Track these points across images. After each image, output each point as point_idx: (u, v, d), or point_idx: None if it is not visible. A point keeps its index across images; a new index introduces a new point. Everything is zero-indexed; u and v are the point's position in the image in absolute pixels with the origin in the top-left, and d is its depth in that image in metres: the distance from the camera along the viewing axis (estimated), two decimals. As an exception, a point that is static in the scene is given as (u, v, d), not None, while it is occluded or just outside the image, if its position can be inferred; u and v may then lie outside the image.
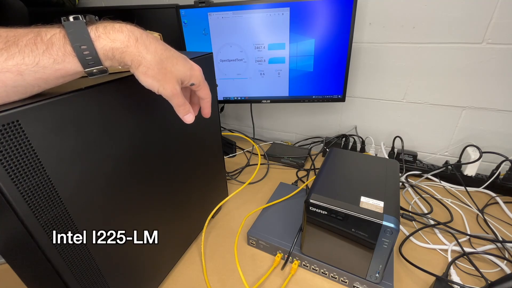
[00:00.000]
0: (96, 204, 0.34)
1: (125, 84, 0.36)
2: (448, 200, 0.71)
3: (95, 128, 0.32)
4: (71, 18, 0.26)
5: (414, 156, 0.81)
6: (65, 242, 0.31)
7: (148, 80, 0.30)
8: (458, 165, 0.76)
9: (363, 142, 0.90)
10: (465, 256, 0.55)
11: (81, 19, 0.26)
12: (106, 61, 0.27)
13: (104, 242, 0.36)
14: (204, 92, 0.37)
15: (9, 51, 0.23)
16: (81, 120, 0.30)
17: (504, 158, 0.70)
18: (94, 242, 0.35)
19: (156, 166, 0.44)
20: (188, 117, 0.35)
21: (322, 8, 0.70)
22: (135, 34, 0.28)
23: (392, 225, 0.40)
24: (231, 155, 0.96)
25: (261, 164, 0.89)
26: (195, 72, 0.34)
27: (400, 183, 0.76)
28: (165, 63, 0.30)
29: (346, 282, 0.50)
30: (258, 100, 0.88)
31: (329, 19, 0.72)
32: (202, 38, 0.80)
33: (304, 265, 0.54)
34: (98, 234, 0.35)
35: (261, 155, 0.92)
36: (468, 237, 0.59)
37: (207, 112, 0.39)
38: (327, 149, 0.91)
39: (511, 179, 0.71)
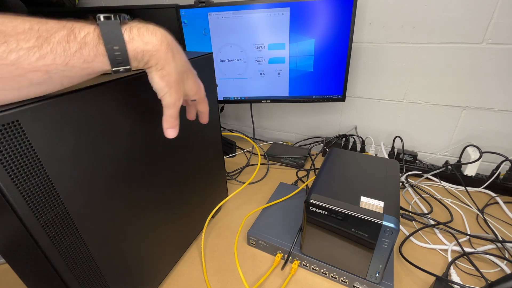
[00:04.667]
0: (96, 204, 0.34)
1: (125, 84, 0.36)
2: (448, 200, 0.71)
3: (95, 128, 0.32)
4: (102, 17, 0.25)
5: (414, 156, 0.81)
6: (65, 242, 0.31)
7: (161, 83, 0.30)
8: (458, 165, 0.76)
9: (363, 142, 0.90)
10: (465, 256, 0.55)
11: (113, 19, 0.26)
12: (134, 61, 0.27)
13: (104, 241, 0.36)
14: (204, 107, 0.39)
15: (41, 49, 0.22)
16: (81, 120, 0.30)
17: (504, 158, 0.70)
18: (94, 242, 0.35)
19: (156, 166, 0.44)
20: (172, 132, 0.35)
21: (322, 8, 0.70)
22: (168, 39, 0.28)
23: (392, 225, 0.40)
24: (231, 155, 0.96)
25: (261, 164, 0.89)
26: (200, 91, 0.36)
27: (400, 183, 0.76)
28: (182, 74, 0.31)
29: (346, 282, 0.50)
30: (258, 100, 0.88)
31: (329, 19, 0.72)
32: (202, 38, 0.80)
33: (304, 265, 0.54)
34: (98, 234, 0.35)
35: (261, 155, 0.92)
36: (468, 237, 0.59)
37: (205, 120, 0.42)
38: (327, 149, 0.91)
39: (511, 179, 0.71)
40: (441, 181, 0.77)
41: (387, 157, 0.84)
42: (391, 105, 0.86)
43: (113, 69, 0.26)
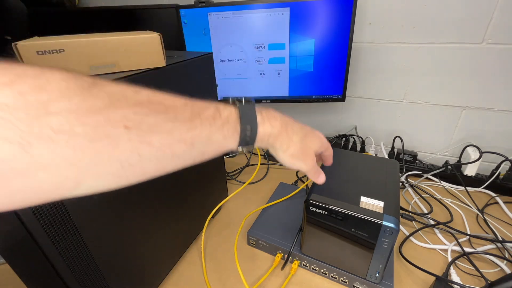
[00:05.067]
0: (96, 204, 0.34)
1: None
2: (448, 200, 0.71)
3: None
4: (243, 101, 0.28)
5: (414, 156, 0.81)
6: (65, 242, 0.31)
7: (293, 161, 0.33)
8: (458, 165, 0.76)
9: (363, 142, 0.90)
10: (465, 256, 0.55)
11: (243, 102, 0.29)
12: (259, 142, 0.29)
13: (104, 242, 0.36)
14: (329, 152, 0.41)
15: (192, 122, 0.23)
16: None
17: (504, 158, 0.70)
18: (94, 242, 0.35)
19: (156, 166, 0.44)
20: (321, 179, 0.40)
21: (322, 8, 0.70)
22: (285, 121, 0.31)
23: (392, 225, 0.40)
24: (231, 155, 0.96)
25: (261, 164, 0.89)
26: (323, 143, 0.37)
27: (400, 183, 0.76)
28: (305, 142, 0.33)
29: (346, 282, 0.50)
30: (258, 100, 0.88)
31: (329, 19, 0.72)
32: (202, 38, 0.80)
33: (304, 265, 0.54)
34: (99, 234, 0.35)
35: (261, 155, 0.92)
36: (468, 237, 0.59)
37: (329, 163, 0.44)
38: (327, 149, 0.91)
39: (511, 179, 0.71)
40: (441, 181, 0.77)
41: (387, 157, 0.84)
42: (391, 105, 0.86)
43: (239, 146, 0.28)
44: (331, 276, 0.51)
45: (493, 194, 0.72)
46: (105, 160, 0.18)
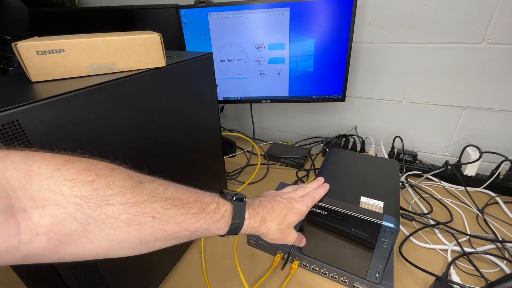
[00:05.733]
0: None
1: (125, 85, 0.36)
2: (448, 200, 0.71)
3: (95, 128, 0.32)
4: (236, 199, 0.35)
5: (414, 156, 0.81)
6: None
7: (275, 242, 0.39)
8: (458, 165, 0.76)
9: (363, 142, 0.90)
10: (465, 256, 0.55)
11: (244, 200, 0.36)
12: (243, 231, 0.35)
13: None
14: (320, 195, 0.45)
15: (199, 216, 0.29)
16: (81, 119, 0.30)
17: (504, 158, 0.70)
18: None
19: (156, 166, 0.44)
20: (303, 243, 0.46)
21: (322, 8, 0.70)
22: (265, 215, 0.37)
23: (392, 225, 0.40)
24: (231, 155, 0.96)
25: (261, 164, 0.89)
26: (303, 214, 0.41)
27: (400, 183, 0.76)
28: (283, 225, 0.38)
29: (346, 282, 0.50)
30: (258, 100, 0.88)
31: (329, 19, 0.72)
32: (202, 38, 0.80)
33: (304, 265, 0.54)
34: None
35: (261, 155, 0.92)
36: (468, 237, 0.59)
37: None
38: (327, 149, 0.91)
39: (511, 179, 0.71)
40: (441, 181, 0.77)
41: (387, 157, 0.84)
42: (391, 105, 0.86)
43: (225, 235, 0.34)
44: (331, 276, 0.51)
45: (493, 194, 0.72)
46: (131, 239, 0.25)
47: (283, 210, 0.39)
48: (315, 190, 0.45)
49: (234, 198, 0.35)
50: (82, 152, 0.31)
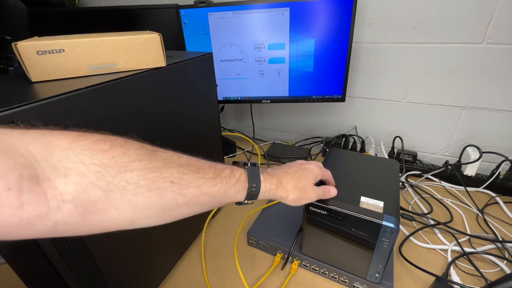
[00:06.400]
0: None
1: (125, 85, 0.36)
2: (448, 200, 0.71)
3: (94, 128, 0.32)
4: (249, 164, 0.37)
5: (414, 156, 0.81)
6: (65, 242, 0.31)
7: (297, 203, 0.39)
8: (458, 165, 0.76)
9: (363, 142, 0.90)
10: (465, 256, 0.55)
11: (256, 166, 0.38)
12: (261, 196, 0.36)
13: (104, 242, 0.36)
14: (328, 177, 0.45)
15: (215, 180, 0.30)
16: (81, 120, 0.30)
17: (504, 158, 0.70)
18: (94, 242, 0.35)
19: (156, 166, 0.44)
20: (332, 193, 0.44)
21: (322, 8, 0.70)
22: (280, 176, 0.37)
23: (392, 225, 0.40)
24: (231, 155, 0.96)
25: (261, 164, 0.88)
26: (318, 172, 0.41)
27: (400, 183, 0.76)
28: (299, 184, 0.38)
29: (346, 282, 0.50)
30: (258, 100, 0.88)
31: (329, 19, 0.72)
32: (202, 38, 0.80)
33: (304, 265, 0.54)
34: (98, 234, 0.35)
35: (261, 155, 0.92)
36: (468, 237, 0.59)
37: (332, 184, 0.46)
38: (327, 149, 0.91)
39: (511, 179, 0.71)
40: (441, 181, 0.77)
41: (387, 157, 0.84)
42: (391, 105, 0.86)
43: (245, 200, 0.35)
44: (331, 276, 0.51)
45: (493, 194, 0.72)
46: (154, 205, 0.25)
47: (297, 171, 0.39)
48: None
49: (246, 163, 0.37)
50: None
